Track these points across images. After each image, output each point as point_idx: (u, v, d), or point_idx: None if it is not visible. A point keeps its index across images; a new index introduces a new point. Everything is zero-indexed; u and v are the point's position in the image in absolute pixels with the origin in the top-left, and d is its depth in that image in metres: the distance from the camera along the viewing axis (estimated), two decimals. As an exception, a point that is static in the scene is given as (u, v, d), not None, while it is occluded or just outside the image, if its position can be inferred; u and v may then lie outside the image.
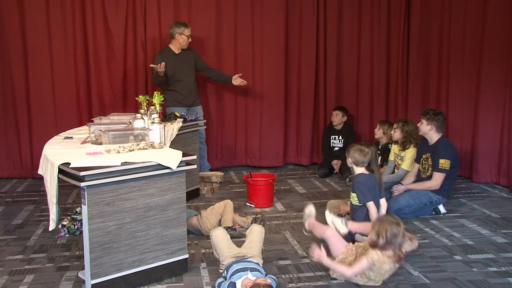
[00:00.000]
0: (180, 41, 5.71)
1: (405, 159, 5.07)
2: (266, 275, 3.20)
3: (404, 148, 5.11)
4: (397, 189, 4.77)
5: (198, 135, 5.84)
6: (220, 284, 3.18)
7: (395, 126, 5.23)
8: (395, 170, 5.29)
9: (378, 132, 5.82)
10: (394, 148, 5.30)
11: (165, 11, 6.12)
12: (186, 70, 5.79)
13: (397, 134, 5.17)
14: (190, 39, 5.75)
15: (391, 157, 5.34)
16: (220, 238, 3.53)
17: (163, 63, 5.53)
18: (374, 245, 3.23)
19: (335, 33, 6.54)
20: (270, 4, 6.35)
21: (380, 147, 5.81)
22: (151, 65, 5.62)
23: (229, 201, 4.37)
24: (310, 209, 4.07)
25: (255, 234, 3.57)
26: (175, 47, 5.76)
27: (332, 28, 6.53)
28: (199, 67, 5.93)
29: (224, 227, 4.14)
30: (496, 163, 5.68)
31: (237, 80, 5.99)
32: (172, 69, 5.68)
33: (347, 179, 5.76)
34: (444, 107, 5.98)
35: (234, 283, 3.08)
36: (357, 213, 4.02)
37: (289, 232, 4.34)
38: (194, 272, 3.55)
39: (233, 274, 3.16)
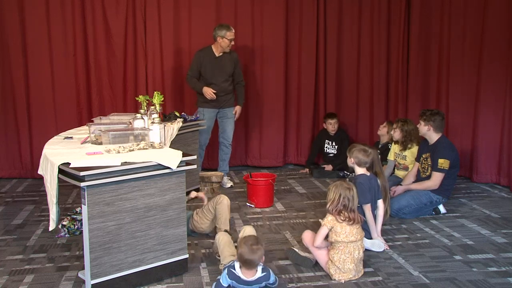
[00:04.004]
0: (222, 44, 5.52)
1: (409, 157, 5.10)
2: (268, 272, 3.22)
3: (405, 148, 5.14)
4: (396, 190, 4.78)
5: (225, 137, 5.79)
6: (218, 280, 3.21)
7: (394, 126, 5.26)
8: (395, 170, 5.32)
9: (383, 130, 5.84)
10: (395, 148, 5.31)
11: (165, 11, 6.12)
12: (222, 74, 5.61)
13: (397, 134, 5.20)
14: (233, 42, 5.58)
15: (391, 156, 5.35)
16: (224, 241, 3.59)
17: (214, 95, 5.48)
18: (329, 210, 3.51)
19: (335, 33, 6.54)
20: (270, 5, 6.35)
21: (380, 146, 5.82)
22: (205, 88, 5.47)
23: (223, 199, 4.10)
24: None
25: (248, 233, 3.60)
26: (216, 49, 5.59)
27: (332, 27, 6.53)
28: (234, 75, 5.76)
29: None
30: (496, 163, 5.68)
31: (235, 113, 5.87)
32: (209, 71, 5.57)
33: (347, 179, 5.77)
34: (444, 107, 5.98)
35: (233, 265, 3.14)
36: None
37: (289, 232, 4.34)
38: (194, 272, 3.55)
39: None
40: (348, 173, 5.85)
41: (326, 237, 3.56)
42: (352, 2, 6.49)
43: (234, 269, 3.16)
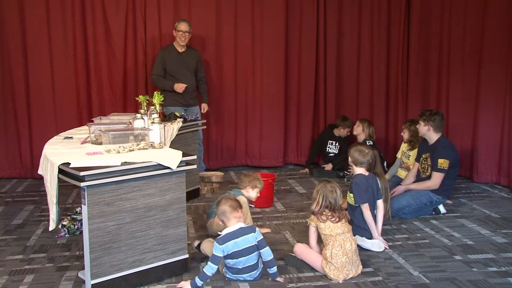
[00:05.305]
0: (176, 38, 5.68)
1: (412, 158, 5.14)
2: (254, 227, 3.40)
3: (413, 147, 5.17)
4: (397, 190, 4.78)
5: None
6: (212, 255, 3.29)
7: (403, 127, 5.35)
8: (399, 169, 5.35)
9: (357, 129, 5.89)
10: (403, 147, 5.36)
11: (165, 11, 6.13)
12: (186, 70, 5.75)
13: (406, 135, 5.30)
14: (187, 35, 5.66)
15: (399, 154, 5.40)
16: (210, 249, 3.49)
17: (184, 85, 5.60)
18: (313, 210, 3.59)
19: (335, 33, 6.55)
20: (270, 4, 6.36)
21: None
22: (176, 84, 5.61)
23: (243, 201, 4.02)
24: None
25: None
26: (178, 45, 5.73)
27: (332, 27, 6.53)
28: (196, 71, 5.88)
29: None
30: (496, 163, 5.68)
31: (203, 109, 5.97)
32: (175, 67, 5.68)
33: (346, 179, 5.79)
34: (444, 107, 5.98)
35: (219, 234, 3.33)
36: (355, 213, 4.02)
37: (289, 232, 4.34)
38: (194, 272, 3.55)
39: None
40: (347, 173, 5.85)
41: (321, 241, 3.61)
42: (352, 2, 6.49)
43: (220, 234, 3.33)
